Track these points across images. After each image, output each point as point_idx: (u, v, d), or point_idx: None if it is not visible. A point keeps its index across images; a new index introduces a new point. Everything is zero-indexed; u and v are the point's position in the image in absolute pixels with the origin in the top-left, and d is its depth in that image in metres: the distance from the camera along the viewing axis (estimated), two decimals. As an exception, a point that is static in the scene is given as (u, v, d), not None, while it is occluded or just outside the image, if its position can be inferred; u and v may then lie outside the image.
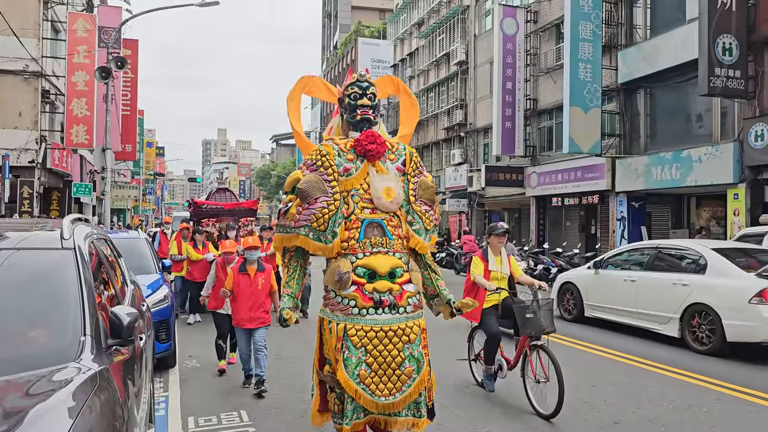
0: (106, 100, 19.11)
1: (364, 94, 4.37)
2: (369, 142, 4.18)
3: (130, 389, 2.89)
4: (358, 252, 4.03)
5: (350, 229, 4.08)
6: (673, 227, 18.88)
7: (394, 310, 3.95)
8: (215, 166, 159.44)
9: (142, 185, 51.08)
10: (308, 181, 4.02)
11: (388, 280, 3.98)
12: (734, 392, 6.46)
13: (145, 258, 8.39)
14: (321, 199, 3.98)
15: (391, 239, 4.11)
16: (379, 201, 4.15)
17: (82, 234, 3.48)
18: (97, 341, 2.72)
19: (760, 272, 8.12)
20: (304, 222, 3.99)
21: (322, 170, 4.08)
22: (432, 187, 4.47)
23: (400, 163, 4.39)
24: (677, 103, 18.19)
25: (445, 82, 32.87)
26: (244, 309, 6.33)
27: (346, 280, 3.94)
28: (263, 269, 6.51)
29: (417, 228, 4.30)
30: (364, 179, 4.19)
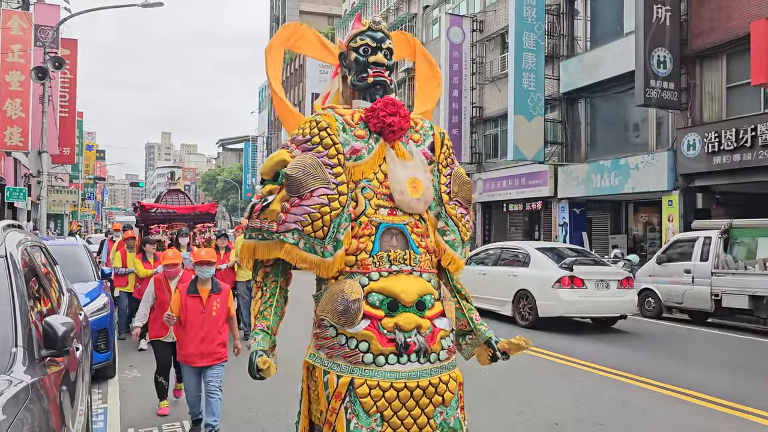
0: (43, 102, 18.40)
1: (379, 48, 3.15)
2: (389, 112, 2.98)
3: (65, 402, 2.79)
4: (371, 270, 2.81)
5: (360, 237, 2.85)
6: (612, 233, 19.55)
7: (423, 357, 2.75)
8: (159, 170, 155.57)
9: (81, 190, 49.31)
10: (301, 164, 2.80)
11: (416, 313, 2.77)
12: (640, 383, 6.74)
13: (82, 265, 8.11)
14: (319, 191, 2.77)
15: (417, 253, 2.91)
16: (402, 197, 2.96)
17: (14, 241, 3.35)
18: (30, 352, 2.62)
19: (561, 264, 10.78)
20: (293, 225, 2.77)
21: (320, 150, 2.87)
22: (469, 183, 3.30)
23: (427, 147, 3.19)
24: (616, 113, 18.87)
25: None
26: (194, 342, 4.93)
27: (355, 313, 2.69)
28: (219, 290, 5.08)
29: (451, 239, 3.11)
30: (379, 166, 3.00)
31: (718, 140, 14.52)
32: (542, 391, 6.65)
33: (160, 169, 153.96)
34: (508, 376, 7.18)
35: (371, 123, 2.99)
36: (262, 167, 2.99)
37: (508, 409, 5.71)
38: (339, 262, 2.79)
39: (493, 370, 6.96)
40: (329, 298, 2.80)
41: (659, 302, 12.58)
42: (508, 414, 5.80)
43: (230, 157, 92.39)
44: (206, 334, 4.97)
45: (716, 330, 11.38)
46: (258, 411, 5.81)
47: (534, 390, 6.71)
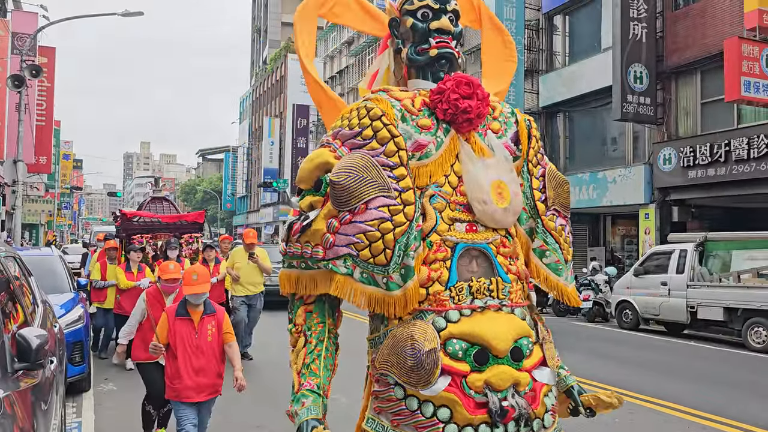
0: (19, 110, 18.16)
1: (443, 11, 2.45)
2: (463, 94, 2.28)
3: (38, 416, 2.74)
4: (448, 308, 2.14)
5: (431, 263, 2.18)
6: (591, 245, 19.75)
7: (525, 426, 2.11)
8: (137, 180, 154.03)
9: (57, 199, 48.61)
10: (351, 167, 2.13)
11: (512, 365, 2.11)
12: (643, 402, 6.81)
13: (58, 276, 7.98)
14: (377, 201, 2.11)
15: (506, 281, 2.24)
16: (484, 207, 2.26)
17: (-12, 252, 3.29)
18: (2, 366, 2.57)
19: None
20: (345, 249, 2.12)
21: (375, 146, 2.21)
22: (567, 183, 2.60)
23: (510, 139, 2.49)
24: (594, 127, 19.15)
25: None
26: (188, 373, 4.15)
27: (430, 368, 2.00)
28: (213, 311, 4.33)
29: (553, 261, 2.45)
30: (451, 166, 2.31)
31: (693, 155, 14.79)
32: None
33: (139, 179, 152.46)
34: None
35: (439, 109, 2.31)
36: (299, 173, 2.30)
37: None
38: (412, 297, 2.10)
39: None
40: (393, 346, 2.08)
41: (636, 314, 12.71)
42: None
43: (210, 167, 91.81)
44: (202, 364, 4.19)
45: (692, 341, 11.53)
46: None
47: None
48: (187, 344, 4.18)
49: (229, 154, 70.46)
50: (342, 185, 2.09)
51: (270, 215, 51.61)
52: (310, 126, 44.97)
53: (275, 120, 51.63)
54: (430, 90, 2.36)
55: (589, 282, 14.31)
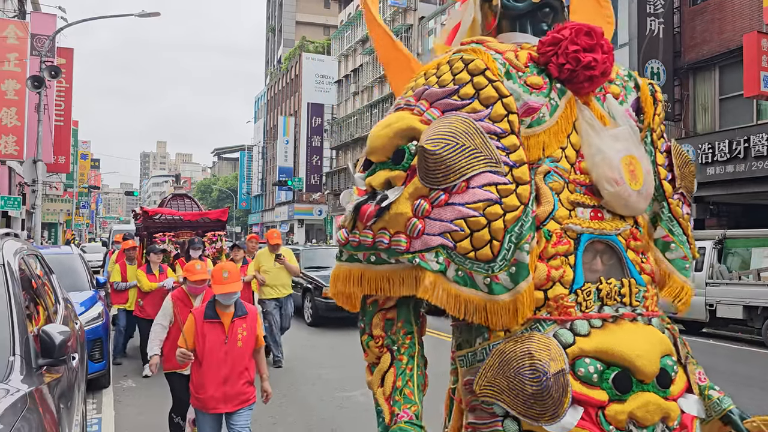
0: (39, 110, 18.39)
1: None
2: (584, 46, 1.82)
3: (62, 411, 2.79)
4: (574, 317, 1.71)
5: (550, 258, 1.75)
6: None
7: None
8: (154, 179, 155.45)
9: (75, 199, 49.21)
10: (449, 132, 1.70)
11: (658, 393, 1.68)
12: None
13: (77, 274, 8.09)
14: (483, 178, 1.69)
15: (641, 284, 1.81)
16: (615, 189, 1.82)
17: (11, 250, 3.35)
18: (27, 361, 2.62)
19: None
20: (438, 239, 1.69)
21: (477, 108, 1.76)
22: (692, 163, 2.19)
23: (631, 106, 2.05)
24: (610, 124, 19.01)
25: (389, 98, 33.24)
26: (215, 382, 3.77)
27: (558, 396, 1.58)
28: (244, 313, 3.90)
29: (679, 257, 2.02)
30: (567, 136, 1.88)
31: (712, 151, 14.62)
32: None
33: (155, 178, 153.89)
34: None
35: (554, 64, 1.84)
36: (371, 142, 1.85)
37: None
38: (526, 303, 1.65)
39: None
40: (503, 367, 1.64)
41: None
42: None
43: (226, 166, 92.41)
44: (230, 371, 3.78)
45: (711, 340, 11.41)
46: None
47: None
48: (217, 350, 3.75)
49: (245, 153, 70.88)
50: (438, 156, 1.64)
51: (285, 214, 51.83)
52: (325, 125, 45.08)
53: (290, 119, 51.83)
54: (540, 41, 1.89)
55: (606, 280, 14.24)
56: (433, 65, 1.91)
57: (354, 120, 38.21)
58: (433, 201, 1.68)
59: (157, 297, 7.54)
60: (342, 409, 6.26)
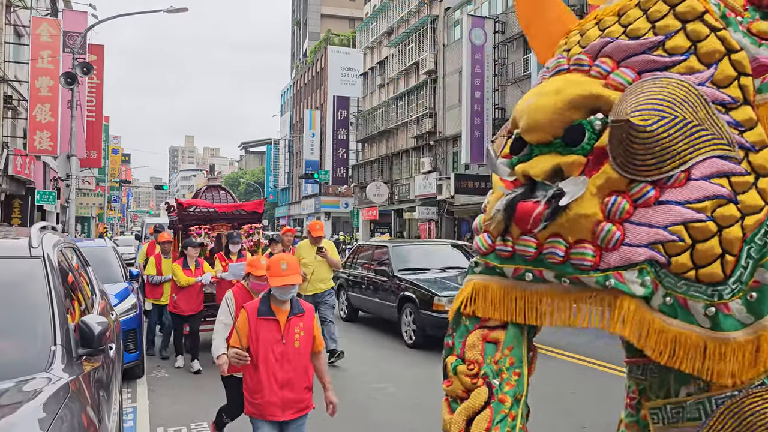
0: (71, 106, 18.75)
1: None
2: None
3: (101, 399, 2.86)
4: None
5: None
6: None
7: None
8: (183, 173, 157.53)
9: (107, 193, 50.15)
10: (667, 100, 1.21)
11: None
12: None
13: (111, 266, 8.25)
14: (711, 166, 1.21)
15: None
16: None
17: (50, 242, 3.44)
18: (68, 351, 2.69)
19: None
20: (646, 251, 1.22)
21: (695, 68, 1.29)
22: None
23: None
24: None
25: (414, 90, 33.11)
26: (272, 386, 3.42)
27: None
28: (301, 311, 3.57)
29: None
30: None
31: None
32: (565, 395, 6.60)
33: (184, 172, 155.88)
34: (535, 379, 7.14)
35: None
36: (530, 115, 1.41)
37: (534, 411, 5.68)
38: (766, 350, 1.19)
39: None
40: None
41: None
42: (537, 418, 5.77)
43: (252, 160, 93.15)
44: (289, 374, 3.44)
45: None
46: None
47: (557, 392, 6.66)
48: (271, 351, 3.41)
49: (271, 146, 71.37)
50: (650, 135, 1.17)
51: (311, 206, 52.10)
52: (350, 117, 45.12)
53: (316, 112, 52.00)
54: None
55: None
56: (608, 11, 1.40)
57: (380, 113, 38.16)
58: (637, 198, 1.22)
59: (192, 293, 7.62)
60: (372, 400, 6.31)
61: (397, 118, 35.15)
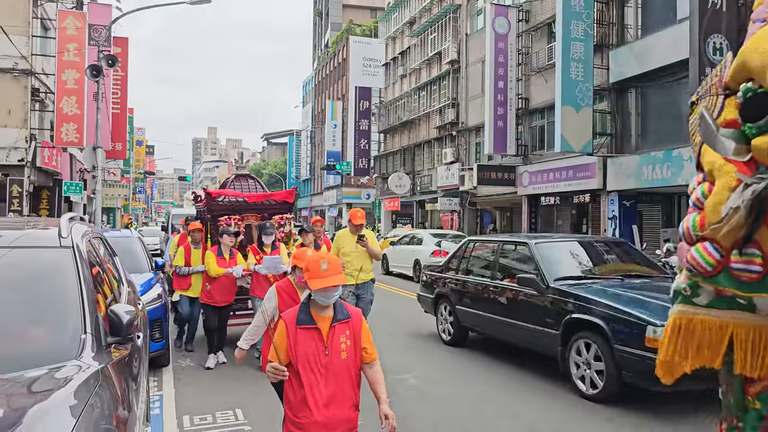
0: (97, 99, 18.99)
1: None
2: None
3: (129, 387, 2.89)
4: None
5: None
6: (664, 226, 19.02)
7: None
8: (206, 164, 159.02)
9: (132, 184, 50.87)
10: None
11: None
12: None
13: (137, 257, 8.37)
14: None
15: None
16: None
17: (79, 232, 3.47)
18: (97, 339, 2.71)
19: (438, 242, 17.89)
20: None
21: None
22: None
23: None
24: (668, 103, 18.31)
25: (437, 80, 32.92)
26: (317, 404, 2.97)
27: None
28: (347, 316, 3.10)
29: None
30: None
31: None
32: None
33: (207, 163, 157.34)
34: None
35: None
36: (747, 59, 1.15)
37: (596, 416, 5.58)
38: None
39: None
40: None
41: (714, 298, 12.15)
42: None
43: (275, 151, 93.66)
44: (335, 390, 2.98)
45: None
46: None
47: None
48: (314, 363, 2.95)
49: (293, 137, 71.65)
50: None
51: (333, 198, 52.25)
52: (372, 108, 45.05)
53: (338, 103, 52.03)
54: None
55: (663, 264, 13.80)
56: None
57: (402, 103, 38.04)
58: None
59: (227, 283, 7.49)
60: (394, 394, 6.30)
61: (419, 109, 34.99)
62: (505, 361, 7.61)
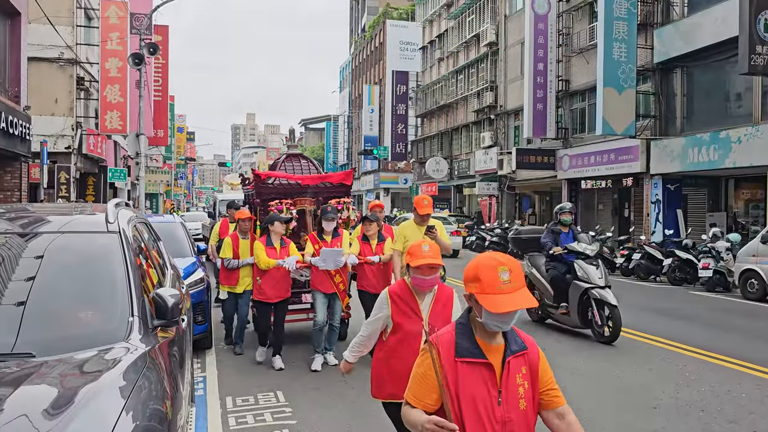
0: (139, 86, 19.36)
1: None
2: None
3: (175, 368, 2.95)
4: None
5: None
6: (710, 210, 18.48)
7: None
8: (245, 150, 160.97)
9: (173, 170, 51.85)
10: None
11: None
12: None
13: (180, 242, 8.54)
14: None
15: None
16: None
17: (125, 218, 3.55)
18: (144, 322, 2.78)
19: None
20: None
21: None
22: None
23: None
24: (716, 83, 17.70)
25: (474, 63, 32.49)
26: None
27: None
28: (522, 348, 2.13)
29: None
30: None
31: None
32: (640, 374, 6.42)
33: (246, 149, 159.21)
34: (606, 360, 7.00)
35: None
36: None
37: (605, 391, 5.55)
38: None
39: (591, 353, 6.87)
40: None
41: (763, 284, 11.78)
42: (605, 396, 5.64)
43: (312, 136, 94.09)
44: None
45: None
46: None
47: (631, 373, 6.48)
48: (485, 414, 2.01)
49: (330, 123, 71.82)
50: None
51: (371, 182, 52.29)
52: (410, 92, 44.78)
53: (374, 87, 51.87)
54: None
55: (710, 249, 13.41)
56: None
57: (439, 87, 37.69)
58: None
59: (278, 276, 6.61)
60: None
61: (456, 92, 34.63)
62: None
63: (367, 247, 6.81)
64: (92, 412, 2.02)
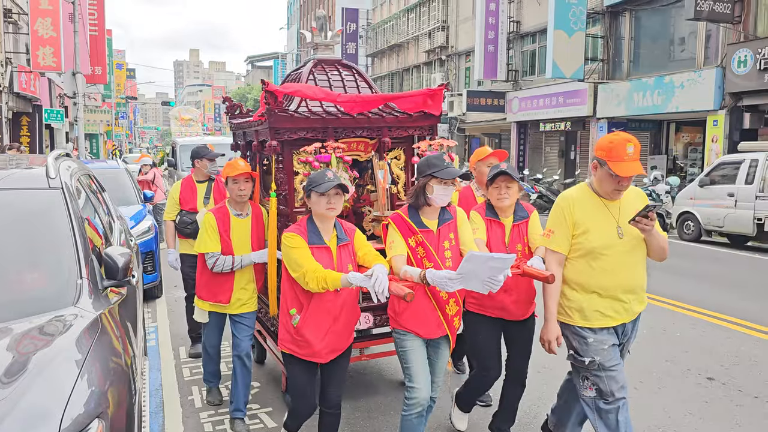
0: (74, 20, 18.21)
1: None
2: None
3: (129, 328, 2.89)
4: None
5: None
6: (652, 153, 19.06)
7: None
8: (188, 88, 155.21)
9: (113, 109, 49.63)
10: None
11: None
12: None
13: (125, 188, 8.26)
14: None
15: None
16: None
17: (68, 172, 3.38)
18: (94, 284, 2.68)
19: None
20: None
21: None
22: None
23: None
24: (662, 27, 17.93)
25: (426, 2, 31.84)
26: None
27: None
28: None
29: None
30: None
31: (772, 56, 13.72)
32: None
33: (190, 87, 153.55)
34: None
35: None
36: None
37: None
38: None
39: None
40: None
41: (699, 225, 12.37)
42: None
43: (259, 74, 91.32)
44: None
45: (757, 254, 11.21)
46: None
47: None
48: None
49: (278, 60, 69.74)
50: None
51: (320, 123, 51.46)
52: (360, 31, 43.71)
53: (323, 25, 50.34)
54: None
55: (650, 192, 13.92)
56: None
57: (390, 25, 36.88)
58: None
59: (339, 305, 3.13)
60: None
61: (408, 32, 34.00)
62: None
63: (497, 232, 3.47)
64: (47, 380, 1.96)
